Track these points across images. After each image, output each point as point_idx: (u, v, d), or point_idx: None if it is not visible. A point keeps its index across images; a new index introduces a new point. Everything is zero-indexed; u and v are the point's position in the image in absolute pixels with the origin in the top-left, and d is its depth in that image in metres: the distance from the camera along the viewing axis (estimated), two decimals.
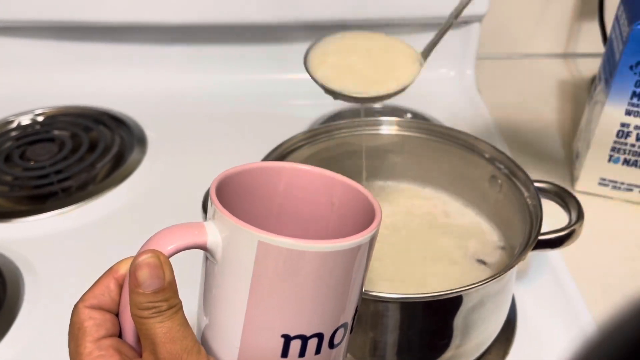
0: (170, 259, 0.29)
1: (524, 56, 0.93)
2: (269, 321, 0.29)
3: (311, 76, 0.39)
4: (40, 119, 0.76)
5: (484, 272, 0.49)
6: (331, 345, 0.31)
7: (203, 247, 0.30)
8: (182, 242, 0.29)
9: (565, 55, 0.93)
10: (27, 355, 0.48)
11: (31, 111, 0.76)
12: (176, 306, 0.29)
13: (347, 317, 0.31)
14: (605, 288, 0.55)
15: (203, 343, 0.32)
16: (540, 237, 0.44)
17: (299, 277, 0.29)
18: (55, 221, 0.61)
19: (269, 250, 0.28)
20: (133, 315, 0.29)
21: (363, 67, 0.40)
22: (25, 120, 0.75)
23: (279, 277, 0.29)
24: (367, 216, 0.31)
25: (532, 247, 0.42)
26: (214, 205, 0.29)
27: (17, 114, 0.76)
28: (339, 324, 0.31)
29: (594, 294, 0.54)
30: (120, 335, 0.30)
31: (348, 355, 0.43)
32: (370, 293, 0.39)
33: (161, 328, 0.28)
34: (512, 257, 0.44)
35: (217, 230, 0.29)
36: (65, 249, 0.58)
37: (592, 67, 0.88)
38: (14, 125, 0.74)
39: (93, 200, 0.63)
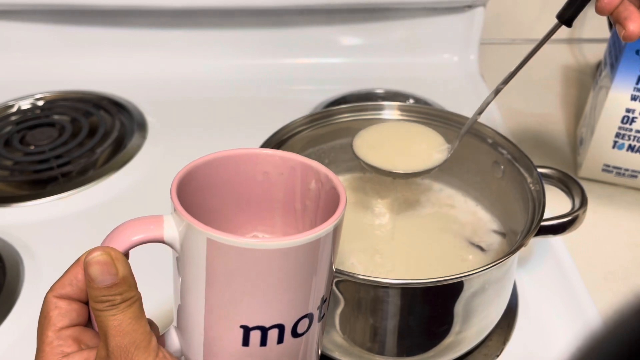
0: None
1: (528, 41, 0.92)
2: (226, 312, 0.30)
3: (357, 156, 0.48)
4: (40, 103, 0.75)
5: (485, 259, 0.49)
6: (295, 335, 0.31)
7: (160, 241, 0.30)
8: (138, 237, 0.30)
9: (570, 41, 0.92)
10: (26, 339, 0.48)
11: (31, 96, 0.76)
12: (131, 299, 0.29)
13: (312, 307, 0.31)
14: (608, 275, 0.55)
15: (178, 328, 0.33)
16: (542, 223, 0.43)
17: (250, 273, 0.28)
18: (55, 206, 0.60)
19: (218, 248, 0.28)
20: (90, 307, 0.29)
21: (398, 148, 0.49)
22: (25, 105, 0.75)
23: (230, 272, 0.29)
24: (335, 203, 0.31)
25: (534, 233, 0.42)
26: (172, 199, 0.30)
27: (17, 99, 0.75)
28: (301, 315, 0.31)
29: (596, 280, 0.54)
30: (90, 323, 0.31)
31: (347, 339, 0.43)
32: (370, 279, 0.39)
33: (113, 321, 0.29)
34: (514, 243, 0.43)
35: (175, 224, 0.30)
36: (65, 233, 0.57)
37: (597, 52, 0.87)
38: (14, 109, 0.74)
39: (93, 185, 0.62)
